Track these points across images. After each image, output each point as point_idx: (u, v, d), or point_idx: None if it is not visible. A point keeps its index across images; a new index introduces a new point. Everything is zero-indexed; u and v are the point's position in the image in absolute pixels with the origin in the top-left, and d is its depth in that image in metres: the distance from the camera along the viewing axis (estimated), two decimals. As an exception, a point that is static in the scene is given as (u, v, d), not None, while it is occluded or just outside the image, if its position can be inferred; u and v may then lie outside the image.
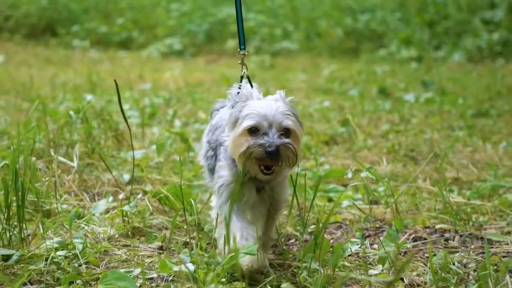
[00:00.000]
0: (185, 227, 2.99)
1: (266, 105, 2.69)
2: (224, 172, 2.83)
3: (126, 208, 3.03)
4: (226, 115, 2.91)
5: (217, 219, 2.76)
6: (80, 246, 2.68)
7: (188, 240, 2.84)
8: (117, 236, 2.94)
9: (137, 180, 3.72)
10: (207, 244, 2.85)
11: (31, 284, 2.44)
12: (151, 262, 2.70)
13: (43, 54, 10.71)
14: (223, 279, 2.47)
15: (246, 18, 11.78)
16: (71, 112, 3.99)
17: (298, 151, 2.67)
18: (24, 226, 2.73)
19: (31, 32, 12.43)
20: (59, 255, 2.59)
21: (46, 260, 2.52)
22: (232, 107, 2.81)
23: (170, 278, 2.51)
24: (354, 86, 7.78)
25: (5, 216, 2.74)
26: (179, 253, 2.73)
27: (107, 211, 3.20)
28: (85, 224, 2.97)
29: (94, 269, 2.59)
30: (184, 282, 2.36)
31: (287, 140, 2.63)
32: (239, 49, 3.26)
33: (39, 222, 2.80)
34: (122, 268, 2.62)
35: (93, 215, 3.09)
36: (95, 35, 11.98)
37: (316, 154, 4.48)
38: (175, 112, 5.65)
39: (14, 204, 2.79)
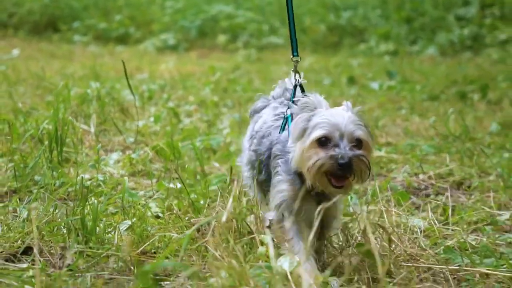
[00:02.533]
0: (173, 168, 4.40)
1: (336, 114, 2.70)
2: (283, 187, 2.83)
3: (133, 155, 4.45)
4: (269, 118, 3.04)
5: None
6: (102, 178, 4.08)
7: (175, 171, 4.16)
8: (126, 174, 4.34)
9: (139, 142, 5.13)
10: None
11: (70, 200, 3.83)
12: (150, 189, 4.09)
13: (47, 49, 12.11)
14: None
15: (236, 15, 13.23)
16: (89, 91, 5.42)
17: (370, 164, 2.68)
18: (61, 164, 4.14)
19: (34, 28, 13.81)
20: (88, 183, 3.99)
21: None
22: (288, 117, 2.89)
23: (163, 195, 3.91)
24: (328, 76, 9.22)
25: (49, 158, 4.15)
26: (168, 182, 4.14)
27: (118, 161, 4.60)
28: (103, 165, 4.37)
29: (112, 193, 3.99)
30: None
31: (360, 152, 2.65)
32: (291, 56, 3.31)
33: (72, 163, 4.21)
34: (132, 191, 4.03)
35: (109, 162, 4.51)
36: (95, 31, 13.37)
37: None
38: (169, 95, 7.08)
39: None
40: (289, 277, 2.23)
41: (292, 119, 2.87)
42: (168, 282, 2.35)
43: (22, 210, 3.18)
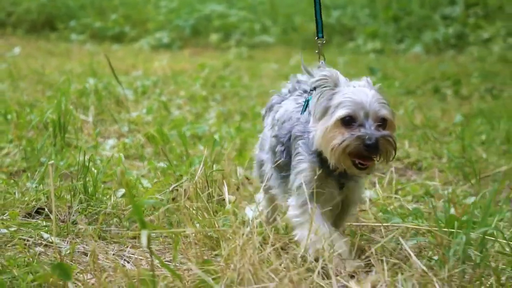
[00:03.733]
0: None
1: (360, 92, 2.70)
2: (304, 167, 2.85)
3: (127, 141, 5.16)
4: (291, 107, 3.06)
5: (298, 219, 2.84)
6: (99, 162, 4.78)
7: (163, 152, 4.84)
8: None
9: (132, 131, 5.83)
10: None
11: (73, 178, 4.52)
12: (143, 168, 4.78)
13: (45, 47, 12.80)
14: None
15: (229, 14, 13.95)
16: (87, 85, 6.13)
17: (396, 143, 2.70)
18: (64, 148, 4.85)
19: (32, 27, 14.50)
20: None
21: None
22: (309, 98, 2.88)
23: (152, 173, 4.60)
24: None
25: (53, 142, 4.85)
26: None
27: (113, 146, 5.30)
28: (101, 150, 5.08)
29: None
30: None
31: (386, 132, 2.66)
32: (316, 37, 3.34)
33: (74, 149, 4.92)
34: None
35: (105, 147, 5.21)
36: (91, 30, 14.05)
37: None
38: (161, 90, 7.79)
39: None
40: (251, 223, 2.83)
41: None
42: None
43: (32, 182, 3.87)
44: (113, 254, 2.68)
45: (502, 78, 9.31)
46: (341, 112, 2.66)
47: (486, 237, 2.71)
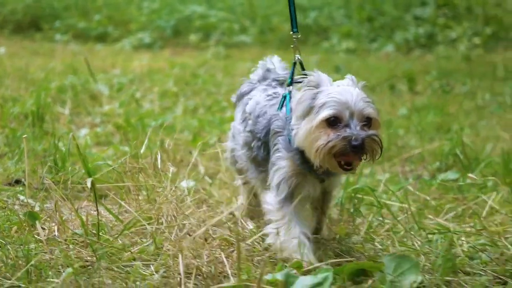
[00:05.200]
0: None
1: (345, 91, 2.76)
2: (283, 164, 2.92)
3: (98, 129, 6.07)
4: (262, 99, 3.13)
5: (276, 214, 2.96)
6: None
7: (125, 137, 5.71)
8: (93, 144, 5.94)
9: (104, 122, 6.73)
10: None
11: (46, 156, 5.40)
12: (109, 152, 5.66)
13: (30, 47, 13.67)
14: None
15: (209, 15, 14.86)
16: (66, 82, 7.04)
17: (382, 142, 2.77)
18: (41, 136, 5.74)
19: (17, 27, 15.32)
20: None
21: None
22: (287, 95, 2.99)
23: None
24: (282, 71, 10.84)
25: (34, 130, 5.75)
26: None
27: (86, 135, 6.19)
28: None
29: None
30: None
31: (372, 132, 2.73)
32: (291, 32, 3.38)
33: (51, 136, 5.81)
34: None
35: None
36: (75, 30, 14.92)
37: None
38: (137, 87, 8.69)
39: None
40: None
41: (291, 96, 2.99)
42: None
43: (12, 160, 4.76)
44: (71, 208, 3.55)
45: (458, 76, 10.24)
46: (326, 113, 2.71)
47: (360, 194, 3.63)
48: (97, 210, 3.12)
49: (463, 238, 3.51)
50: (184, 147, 5.41)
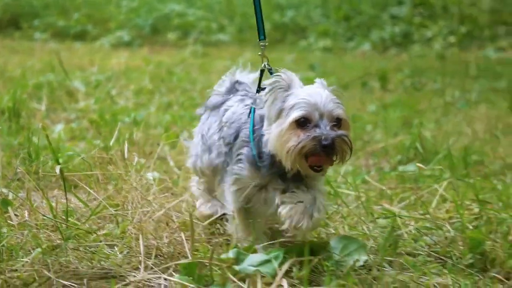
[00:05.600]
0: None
1: (314, 93, 2.81)
2: (244, 173, 2.98)
3: (73, 125, 6.31)
4: (240, 109, 3.13)
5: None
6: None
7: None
8: (67, 138, 6.17)
9: (79, 118, 6.96)
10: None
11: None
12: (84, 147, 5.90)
13: (9, 46, 13.84)
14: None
15: (187, 13, 15.11)
16: (42, 78, 7.27)
17: (352, 143, 2.80)
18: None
19: (-3, 26, 15.55)
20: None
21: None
22: (252, 109, 3.00)
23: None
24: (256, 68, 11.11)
25: (10, 125, 5.97)
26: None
27: (62, 130, 6.43)
28: (50, 132, 6.20)
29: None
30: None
31: (342, 132, 2.77)
32: (258, 40, 3.36)
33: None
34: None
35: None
36: (54, 28, 15.13)
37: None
38: (113, 84, 8.93)
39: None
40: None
41: (255, 110, 3.02)
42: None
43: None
44: (42, 196, 3.79)
45: (431, 74, 10.55)
46: (295, 114, 2.75)
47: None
48: (66, 194, 3.36)
49: (411, 223, 3.78)
50: (154, 141, 5.65)
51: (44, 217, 3.34)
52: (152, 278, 2.85)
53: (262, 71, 3.22)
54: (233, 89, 3.39)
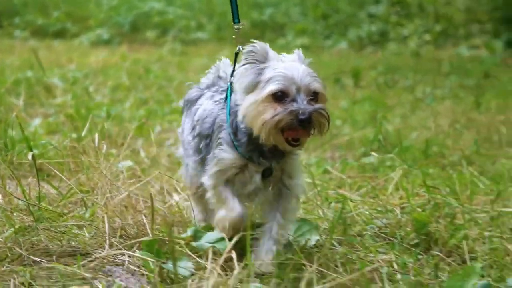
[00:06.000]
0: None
1: (291, 66, 2.82)
2: (224, 156, 2.96)
3: (50, 119, 6.56)
4: (209, 105, 3.12)
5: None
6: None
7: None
8: (44, 132, 6.42)
9: (57, 113, 7.21)
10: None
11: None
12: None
13: (-10, 44, 14.08)
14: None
15: (167, 11, 15.37)
16: (20, 75, 7.52)
17: (329, 116, 2.80)
18: None
19: (-23, 24, 15.72)
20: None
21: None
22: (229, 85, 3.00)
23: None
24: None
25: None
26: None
27: (39, 124, 6.68)
28: (27, 126, 6.45)
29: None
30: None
31: (319, 106, 2.77)
32: (233, 23, 3.34)
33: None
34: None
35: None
36: (34, 26, 15.34)
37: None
38: (91, 81, 9.18)
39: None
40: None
41: (232, 88, 3.01)
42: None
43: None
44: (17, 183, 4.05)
45: (404, 71, 10.88)
46: (272, 87, 2.74)
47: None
48: (37, 178, 3.62)
49: (366, 208, 4.07)
50: (127, 133, 5.90)
51: (18, 200, 3.59)
52: (116, 254, 3.11)
53: (236, 54, 3.15)
54: (213, 84, 3.35)
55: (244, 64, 2.89)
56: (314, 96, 2.81)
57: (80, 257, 2.98)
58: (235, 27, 3.30)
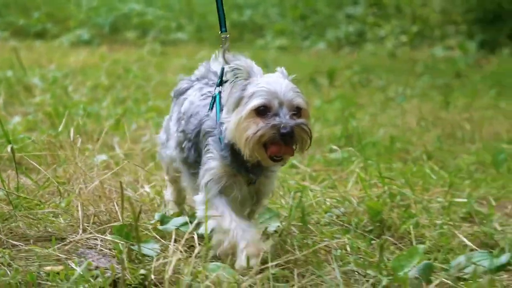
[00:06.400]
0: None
1: (274, 81, 2.85)
2: (214, 164, 2.97)
3: (29, 117, 6.84)
4: (196, 99, 3.18)
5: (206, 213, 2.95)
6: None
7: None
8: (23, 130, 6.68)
9: (36, 111, 7.48)
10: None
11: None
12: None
13: (-29, 45, 14.29)
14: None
15: (146, 13, 15.65)
16: (0, 74, 7.78)
17: (311, 132, 2.83)
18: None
19: (-41, 25, 15.90)
20: None
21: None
22: (217, 95, 3.02)
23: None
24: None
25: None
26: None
27: (18, 122, 6.94)
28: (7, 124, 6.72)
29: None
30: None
31: (301, 121, 2.79)
32: (220, 32, 3.40)
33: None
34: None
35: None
36: (15, 27, 15.56)
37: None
38: (70, 81, 9.45)
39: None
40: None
41: (220, 96, 3.04)
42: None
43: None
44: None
45: (379, 71, 11.24)
46: (255, 102, 2.78)
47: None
48: (16, 169, 3.91)
49: (325, 198, 4.38)
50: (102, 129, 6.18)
51: (-2, 191, 3.88)
52: (89, 238, 3.41)
53: (222, 70, 3.11)
54: (203, 77, 3.43)
55: (229, 81, 2.95)
56: (297, 111, 2.84)
57: (55, 241, 3.28)
58: (222, 36, 3.36)
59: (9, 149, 3.86)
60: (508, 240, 3.75)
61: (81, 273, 2.84)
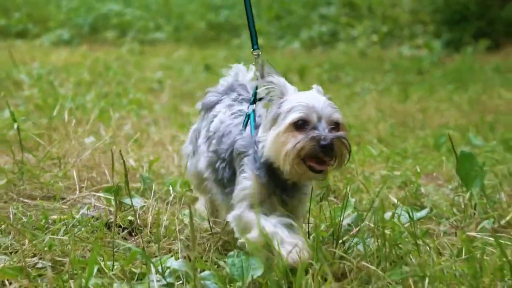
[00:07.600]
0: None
1: (311, 97, 2.88)
2: (249, 184, 2.97)
3: (20, 108, 7.75)
4: (227, 117, 3.22)
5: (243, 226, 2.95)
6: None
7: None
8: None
9: (26, 103, 8.38)
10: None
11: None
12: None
13: (-46, 45, 15.13)
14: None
15: (125, 13, 16.58)
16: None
17: (351, 146, 2.82)
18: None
19: None
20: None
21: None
22: (251, 113, 3.04)
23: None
24: (189, 64, 12.67)
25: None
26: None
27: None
28: None
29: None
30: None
31: (341, 133, 2.79)
32: (252, 50, 3.44)
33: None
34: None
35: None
36: (-4, 27, 16.43)
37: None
38: (54, 77, 10.36)
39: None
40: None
41: (255, 115, 3.07)
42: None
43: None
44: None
45: (348, 69, 12.24)
46: (293, 116, 2.79)
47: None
48: (21, 144, 4.84)
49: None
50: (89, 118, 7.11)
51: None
52: (84, 196, 4.35)
53: (256, 89, 3.13)
54: (231, 89, 3.49)
55: (263, 99, 3.00)
56: (336, 126, 2.86)
57: (58, 197, 4.22)
58: (254, 53, 3.44)
59: (15, 127, 4.77)
60: (430, 201, 4.71)
61: (82, 216, 3.77)
